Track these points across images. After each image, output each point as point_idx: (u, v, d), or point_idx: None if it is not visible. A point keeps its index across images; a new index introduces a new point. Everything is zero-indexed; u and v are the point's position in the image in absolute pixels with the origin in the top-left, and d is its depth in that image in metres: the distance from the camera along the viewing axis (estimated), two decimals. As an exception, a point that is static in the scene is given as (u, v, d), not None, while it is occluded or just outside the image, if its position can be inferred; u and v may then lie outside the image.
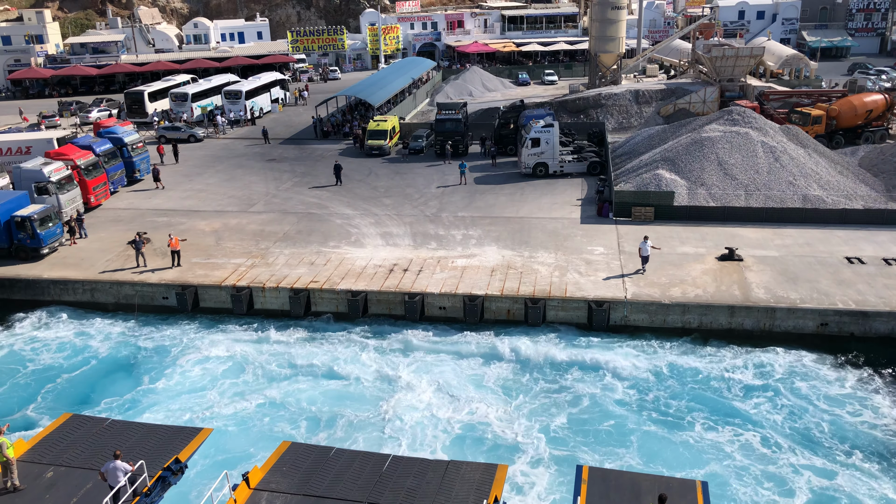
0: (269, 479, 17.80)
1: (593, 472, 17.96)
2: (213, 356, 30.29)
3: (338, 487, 17.44)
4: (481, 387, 27.66)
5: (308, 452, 19.00)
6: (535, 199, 44.24)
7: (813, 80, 74.29)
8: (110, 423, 20.33)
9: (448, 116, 55.13)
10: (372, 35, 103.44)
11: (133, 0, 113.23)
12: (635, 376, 27.81)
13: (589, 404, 26.39)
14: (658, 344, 29.97)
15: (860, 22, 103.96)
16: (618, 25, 68.96)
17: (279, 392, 27.67)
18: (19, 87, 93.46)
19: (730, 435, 24.49)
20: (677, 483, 17.79)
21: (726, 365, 28.36)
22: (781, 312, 30.11)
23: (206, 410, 26.79)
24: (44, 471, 18.26)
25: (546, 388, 27.48)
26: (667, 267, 33.69)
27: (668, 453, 23.76)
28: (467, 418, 25.71)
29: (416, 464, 18.63)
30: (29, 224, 36.60)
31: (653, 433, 24.77)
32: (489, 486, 17.37)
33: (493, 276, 33.78)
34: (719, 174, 41.19)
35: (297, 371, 29.14)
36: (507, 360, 29.22)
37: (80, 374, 29.68)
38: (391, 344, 30.78)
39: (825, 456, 23.32)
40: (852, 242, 35.94)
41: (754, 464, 23.06)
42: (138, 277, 34.96)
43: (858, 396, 26.30)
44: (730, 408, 25.90)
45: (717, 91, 62.49)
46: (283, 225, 41.37)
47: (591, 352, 29.43)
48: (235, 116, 68.94)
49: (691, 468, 22.86)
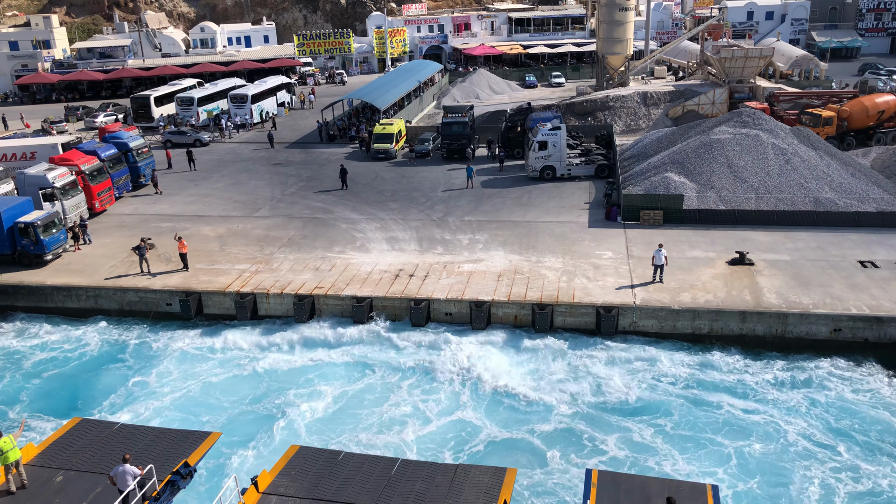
0: (278, 483, 17.81)
1: (603, 475, 17.97)
2: (219, 359, 30.09)
3: (346, 491, 17.42)
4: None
5: (317, 456, 19.00)
6: (543, 203, 43.75)
7: (823, 81, 73.58)
8: (119, 427, 20.37)
9: (454, 120, 54.71)
10: (378, 38, 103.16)
11: (140, 5, 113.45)
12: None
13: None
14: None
15: (870, 22, 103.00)
16: (625, 27, 68.43)
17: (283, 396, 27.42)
18: (26, 92, 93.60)
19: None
20: (687, 487, 17.79)
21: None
22: (794, 318, 29.53)
23: (211, 414, 26.70)
24: (54, 475, 18.28)
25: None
26: (676, 272, 33.14)
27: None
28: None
29: (425, 468, 18.63)
30: (32, 230, 36.40)
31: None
32: (498, 490, 17.34)
33: (499, 281, 33.33)
34: (729, 177, 40.60)
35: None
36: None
37: (71, 378, 29.68)
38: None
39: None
40: (865, 246, 35.31)
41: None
42: (142, 284, 34.70)
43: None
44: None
45: (727, 92, 61.88)
46: (288, 230, 41.04)
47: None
48: (241, 121, 68.74)
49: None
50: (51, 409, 27.55)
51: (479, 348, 29.88)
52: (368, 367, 29.49)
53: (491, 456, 23.87)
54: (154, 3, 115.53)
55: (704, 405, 26.05)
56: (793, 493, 21.76)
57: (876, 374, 27.46)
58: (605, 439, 24.69)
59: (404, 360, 29.64)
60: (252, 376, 29.23)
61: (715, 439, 24.24)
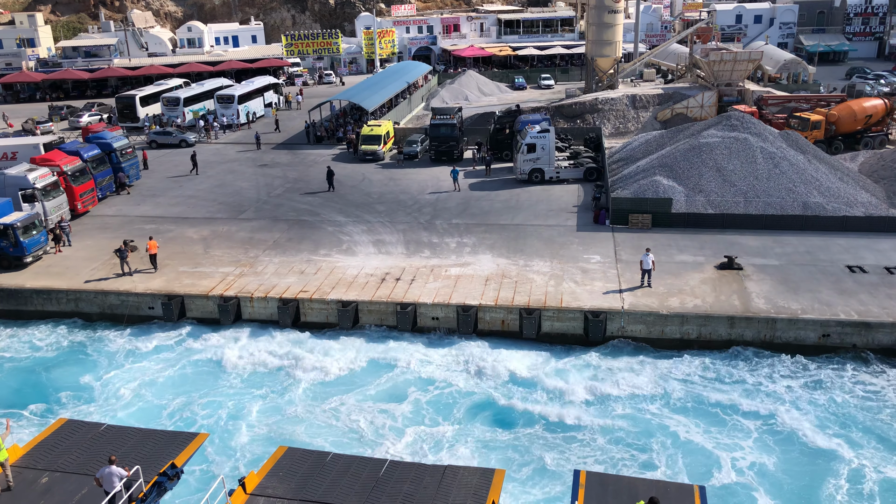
0: (266, 484, 17.71)
1: (591, 476, 18.00)
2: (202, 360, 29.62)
3: (334, 492, 17.36)
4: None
5: (304, 457, 18.93)
6: (531, 206, 43.45)
7: (811, 85, 73.71)
8: (106, 429, 20.17)
9: (443, 121, 54.34)
10: (367, 39, 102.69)
11: (126, 3, 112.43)
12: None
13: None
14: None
15: (858, 26, 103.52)
16: (614, 29, 68.35)
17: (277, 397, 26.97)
18: (10, 91, 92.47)
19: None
20: (675, 488, 17.95)
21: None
22: (782, 323, 29.35)
23: (201, 412, 26.67)
24: (39, 476, 18.13)
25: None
26: (665, 276, 32.90)
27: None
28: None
29: (413, 469, 18.62)
30: (11, 232, 35.70)
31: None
32: (486, 491, 17.30)
33: (487, 285, 32.99)
34: (718, 180, 40.45)
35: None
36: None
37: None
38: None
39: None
40: (853, 250, 35.22)
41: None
42: (124, 287, 34.11)
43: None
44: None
45: (715, 96, 61.87)
46: (274, 232, 40.53)
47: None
48: (228, 121, 68.10)
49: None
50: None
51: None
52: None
53: (479, 457, 23.83)
54: (141, 2, 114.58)
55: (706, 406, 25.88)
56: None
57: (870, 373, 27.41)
58: (595, 439, 24.69)
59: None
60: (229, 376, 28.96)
61: (710, 444, 24.07)
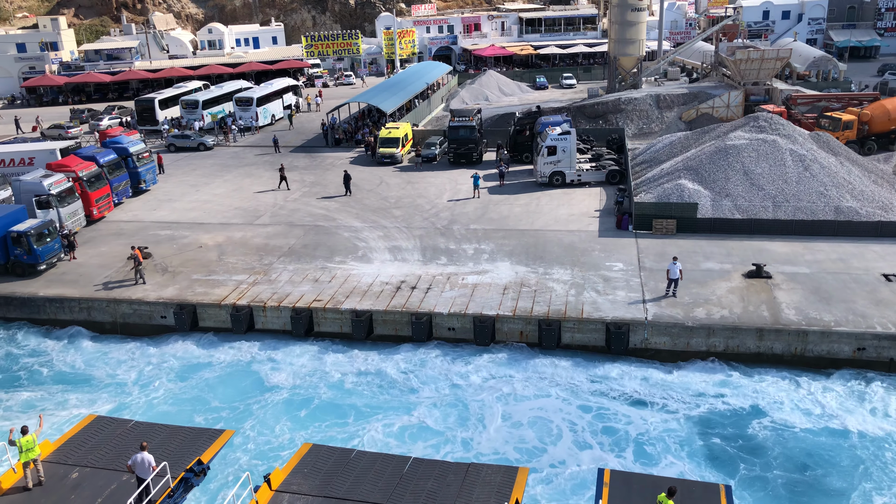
0: (291, 480, 18.00)
1: (615, 475, 17.96)
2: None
3: (359, 489, 17.58)
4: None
5: (329, 454, 19.17)
6: (551, 211, 42.35)
7: (842, 83, 71.67)
8: (134, 425, 20.61)
9: (461, 123, 53.32)
10: (387, 39, 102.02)
11: (148, 6, 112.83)
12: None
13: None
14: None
15: (889, 21, 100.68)
16: (638, 27, 66.85)
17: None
18: (34, 94, 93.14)
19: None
20: (700, 486, 17.90)
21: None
22: (814, 336, 28.04)
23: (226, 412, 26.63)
24: (69, 471, 18.62)
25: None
26: (690, 285, 31.67)
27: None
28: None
29: (437, 466, 18.82)
30: (25, 239, 35.41)
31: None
32: (510, 489, 17.39)
33: (505, 294, 32.00)
34: (745, 184, 39.06)
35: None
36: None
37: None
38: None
39: None
40: (889, 258, 33.68)
41: None
42: (136, 295, 33.64)
43: None
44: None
45: (742, 95, 60.19)
46: (289, 238, 39.88)
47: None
48: (246, 124, 67.72)
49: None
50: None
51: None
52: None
53: (502, 455, 23.52)
54: (162, 5, 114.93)
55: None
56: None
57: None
58: (620, 440, 24.14)
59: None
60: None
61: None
